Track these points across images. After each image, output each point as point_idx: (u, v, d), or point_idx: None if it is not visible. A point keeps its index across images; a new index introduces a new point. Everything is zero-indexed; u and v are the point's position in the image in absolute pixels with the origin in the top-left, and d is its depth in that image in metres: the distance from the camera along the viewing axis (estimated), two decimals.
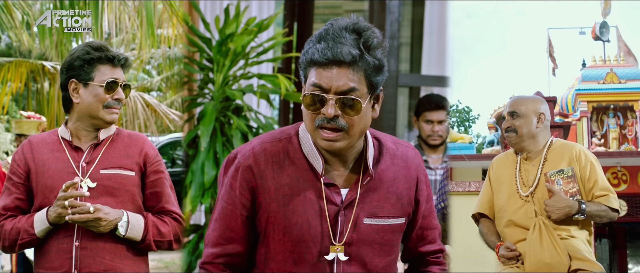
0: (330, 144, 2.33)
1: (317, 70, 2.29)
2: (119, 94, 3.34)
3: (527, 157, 4.19)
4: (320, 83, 2.28)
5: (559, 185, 4.00)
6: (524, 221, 4.05)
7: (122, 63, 3.37)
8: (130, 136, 3.44)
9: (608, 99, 13.03)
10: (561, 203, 3.94)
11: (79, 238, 3.19)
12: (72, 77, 3.31)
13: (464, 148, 9.70)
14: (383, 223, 2.46)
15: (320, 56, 2.26)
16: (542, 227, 3.96)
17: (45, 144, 3.36)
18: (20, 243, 3.25)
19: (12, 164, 3.37)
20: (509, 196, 4.14)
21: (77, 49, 3.36)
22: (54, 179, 3.24)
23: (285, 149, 2.45)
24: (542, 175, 4.08)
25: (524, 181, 4.13)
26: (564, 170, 4.03)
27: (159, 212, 3.39)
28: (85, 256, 3.19)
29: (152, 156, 3.41)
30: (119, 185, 3.28)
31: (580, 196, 4.02)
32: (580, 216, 3.96)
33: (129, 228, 3.22)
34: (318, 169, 2.41)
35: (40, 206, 3.24)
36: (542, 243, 3.93)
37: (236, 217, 2.46)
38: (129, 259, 3.29)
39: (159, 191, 3.39)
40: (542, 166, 4.11)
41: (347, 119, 2.31)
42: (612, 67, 13.36)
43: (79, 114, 3.33)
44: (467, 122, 35.13)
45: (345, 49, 2.26)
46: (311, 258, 2.41)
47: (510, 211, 4.10)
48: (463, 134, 15.08)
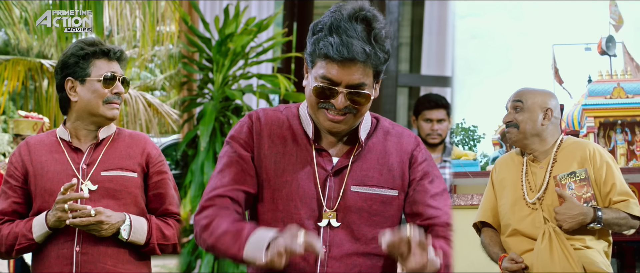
0: (334, 126, 2.52)
1: (328, 63, 2.44)
2: (118, 88, 3.31)
3: (534, 158, 3.85)
4: (331, 77, 2.45)
5: (571, 189, 3.69)
6: (531, 230, 3.72)
7: (118, 56, 3.35)
8: (131, 136, 3.42)
9: (615, 115, 12.97)
10: (574, 210, 3.61)
11: (79, 243, 3.17)
12: (67, 76, 3.29)
13: (468, 165, 9.78)
14: (371, 192, 2.59)
15: (336, 53, 2.40)
16: (553, 235, 3.63)
17: (43, 145, 3.34)
18: (18, 248, 3.22)
19: (9, 166, 3.35)
20: (514, 202, 3.82)
21: (70, 47, 3.34)
22: (53, 182, 3.22)
23: (284, 117, 2.65)
24: (551, 178, 3.75)
25: (531, 186, 3.80)
26: (576, 172, 3.70)
27: (162, 214, 3.38)
28: (86, 261, 3.16)
29: (155, 156, 3.40)
30: (120, 187, 3.25)
31: (595, 201, 3.69)
32: (596, 225, 3.63)
33: (131, 232, 3.20)
34: (309, 134, 2.59)
35: (39, 210, 3.22)
36: (552, 253, 3.60)
37: (247, 160, 2.62)
38: (132, 264, 3.27)
39: (163, 193, 3.38)
40: (551, 168, 3.78)
41: (354, 106, 2.50)
42: (619, 81, 13.33)
43: (78, 113, 3.31)
44: (472, 141, 36.15)
45: (359, 47, 2.40)
46: (298, 219, 2.56)
47: (515, 219, 3.79)
48: (467, 151, 15.14)
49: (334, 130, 2.55)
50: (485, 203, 4.00)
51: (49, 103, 12.11)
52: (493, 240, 3.91)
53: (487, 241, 3.94)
